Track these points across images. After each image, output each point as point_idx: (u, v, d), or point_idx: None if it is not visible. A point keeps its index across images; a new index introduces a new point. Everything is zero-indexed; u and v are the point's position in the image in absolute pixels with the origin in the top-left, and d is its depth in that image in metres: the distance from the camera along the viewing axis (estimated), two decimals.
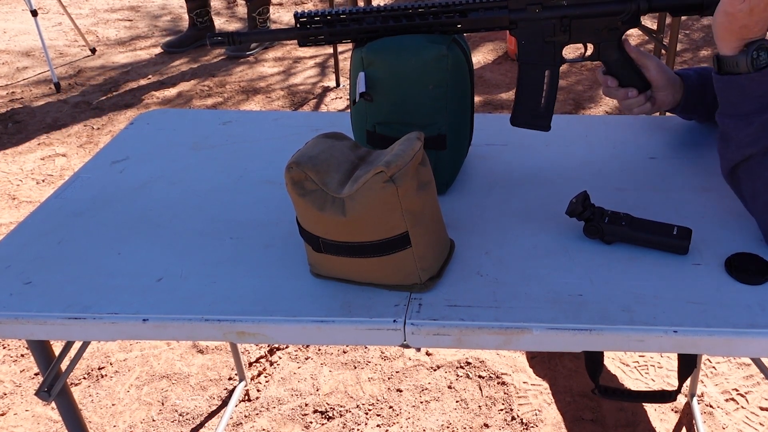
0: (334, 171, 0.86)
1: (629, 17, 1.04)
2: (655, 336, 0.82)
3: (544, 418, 1.74)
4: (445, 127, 1.06)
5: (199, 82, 3.83)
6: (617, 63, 1.09)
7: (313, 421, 1.77)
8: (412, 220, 0.85)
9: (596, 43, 1.07)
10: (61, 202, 1.15)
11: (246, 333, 0.87)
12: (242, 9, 5.00)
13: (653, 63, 1.10)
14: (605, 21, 1.05)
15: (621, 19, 1.04)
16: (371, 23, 1.04)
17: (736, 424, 1.70)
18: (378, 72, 1.02)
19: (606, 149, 1.24)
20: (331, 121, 1.42)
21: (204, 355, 2.00)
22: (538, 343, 0.84)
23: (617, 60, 1.09)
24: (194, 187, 1.18)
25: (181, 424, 1.78)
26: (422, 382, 1.87)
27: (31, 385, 1.91)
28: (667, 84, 1.12)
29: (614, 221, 0.95)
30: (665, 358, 1.91)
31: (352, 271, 0.89)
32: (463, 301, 0.88)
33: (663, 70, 1.11)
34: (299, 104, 3.55)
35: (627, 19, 1.04)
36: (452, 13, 1.04)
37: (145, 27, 4.78)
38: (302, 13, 1.05)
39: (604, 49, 1.08)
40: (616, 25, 1.05)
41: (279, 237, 1.02)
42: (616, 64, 1.09)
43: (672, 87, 1.13)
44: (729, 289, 0.87)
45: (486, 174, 1.18)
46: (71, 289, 0.94)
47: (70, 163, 3.08)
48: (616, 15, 1.04)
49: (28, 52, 4.36)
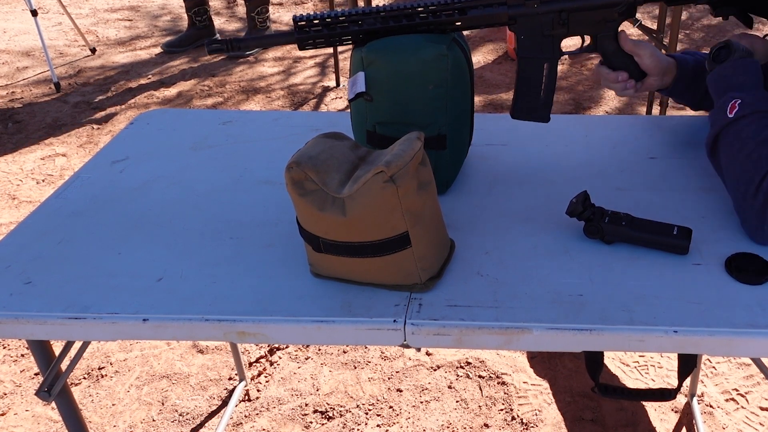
0: (334, 171, 0.85)
1: (626, 8, 1.06)
2: (655, 336, 0.82)
3: (544, 418, 1.74)
4: (445, 127, 1.06)
5: (199, 82, 3.83)
6: (614, 54, 1.11)
7: (313, 421, 1.77)
8: (412, 220, 0.85)
9: (594, 34, 1.09)
10: (61, 202, 1.15)
11: (246, 333, 0.87)
12: (242, 8, 5.00)
13: (647, 51, 1.12)
14: (602, 13, 1.06)
15: (617, 11, 1.06)
16: (371, 24, 1.04)
17: (736, 424, 1.70)
18: (378, 72, 1.02)
19: (606, 149, 1.24)
20: (331, 121, 1.42)
21: (204, 355, 2.00)
22: (539, 343, 0.84)
23: (615, 51, 1.11)
24: (194, 187, 1.18)
25: (181, 424, 1.78)
26: (422, 382, 1.87)
27: (31, 385, 1.91)
28: (659, 70, 1.14)
29: (614, 221, 0.95)
30: (665, 358, 1.91)
31: (352, 271, 0.89)
32: (463, 301, 0.87)
33: (656, 57, 1.13)
34: (299, 104, 3.55)
35: (623, 10, 1.06)
36: (451, 11, 1.04)
37: (145, 27, 4.78)
38: (301, 17, 1.04)
39: (601, 41, 1.09)
40: (612, 16, 1.06)
41: (279, 237, 1.02)
42: (614, 55, 1.11)
43: (662, 72, 1.15)
44: (729, 289, 0.87)
45: (486, 174, 1.18)
46: (71, 289, 0.93)
47: (70, 163, 3.08)
48: (612, 6, 1.05)
49: (28, 52, 4.36)
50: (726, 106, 1.00)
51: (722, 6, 1.08)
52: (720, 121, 1.00)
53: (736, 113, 0.98)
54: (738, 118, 0.98)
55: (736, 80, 1.02)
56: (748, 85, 1.01)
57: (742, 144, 0.96)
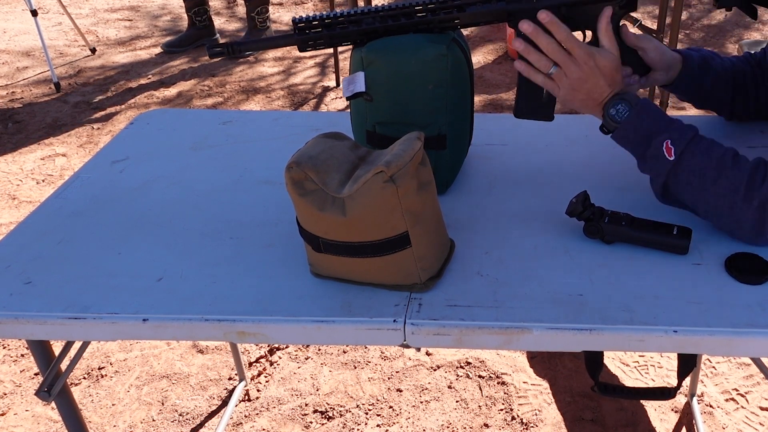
0: (334, 171, 0.85)
1: (626, 2, 1.04)
2: (655, 336, 0.82)
3: (544, 418, 1.74)
4: (445, 127, 1.06)
5: (199, 82, 3.83)
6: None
7: (313, 421, 1.77)
8: (412, 220, 0.85)
9: (595, 29, 1.07)
10: (61, 202, 1.15)
11: (246, 333, 0.87)
12: (242, 8, 5.00)
13: (651, 45, 1.10)
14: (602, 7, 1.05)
15: (618, 4, 1.04)
16: (370, 24, 1.04)
17: (736, 424, 1.70)
18: (378, 72, 1.02)
19: (606, 149, 1.23)
20: (331, 121, 1.42)
21: (204, 355, 2.00)
22: (539, 343, 0.84)
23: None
24: (194, 187, 1.18)
25: (181, 424, 1.78)
26: (422, 382, 1.87)
27: (31, 385, 1.91)
28: (664, 65, 1.12)
29: (614, 221, 0.95)
30: (665, 358, 1.91)
31: (352, 271, 0.89)
32: (463, 301, 0.87)
33: (661, 52, 1.11)
34: (299, 104, 3.55)
35: (624, 3, 1.04)
36: (450, 8, 1.03)
37: (145, 27, 4.78)
38: (300, 18, 1.04)
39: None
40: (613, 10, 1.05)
41: (279, 237, 1.02)
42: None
43: (668, 67, 1.13)
44: (729, 289, 0.87)
45: (486, 174, 1.18)
46: (71, 289, 0.93)
47: (70, 163, 3.08)
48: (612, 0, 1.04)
49: (28, 52, 4.36)
50: (660, 151, 0.95)
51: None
52: (663, 167, 0.95)
53: (675, 152, 0.94)
54: (680, 158, 0.94)
55: (651, 125, 0.97)
56: (663, 122, 0.97)
57: (702, 175, 0.93)
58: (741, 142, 1.20)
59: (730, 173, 0.92)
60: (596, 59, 0.97)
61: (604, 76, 0.98)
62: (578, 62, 0.97)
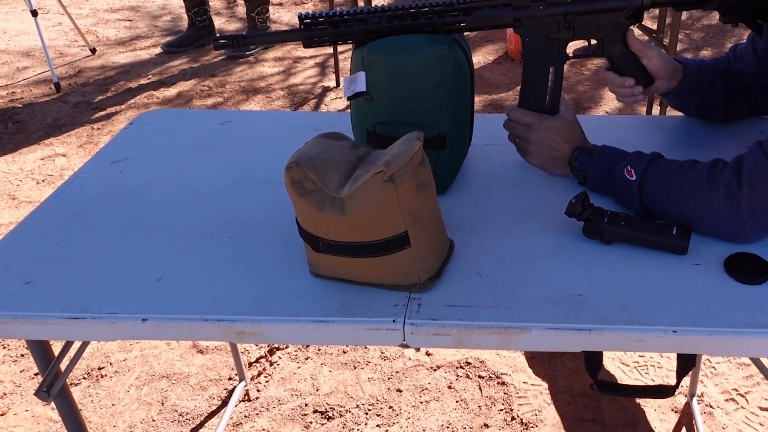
0: (334, 171, 0.85)
1: (633, 12, 1.04)
2: (654, 336, 0.82)
3: (544, 418, 1.74)
4: (445, 127, 1.06)
5: (199, 82, 3.83)
6: (621, 59, 1.09)
7: (313, 421, 1.77)
8: (412, 220, 0.85)
9: (600, 39, 1.07)
10: (60, 202, 1.15)
11: (246, 333, 0.87)
12: (242, 9, 5.00)
13: (655, 53, 1.10)
14: (609, 17, 1.05)
15: (624, 15, 1.04)
16: (375, 23, 1.04)
17: (736, 424, 1.70)
18: (379, 72, 1.02)
19: None
20: (331, 121, 1.42)
21: (204, 355, 2.00)
22: (538, 343, 0.84)
23: (621, 56, 1.09)
24: (194, 187, 1.18)
25: (181, 424, 1.78)
26: (422, 382, 1.87)
27: (31, 385, 1.91)
28: (668, 72, 1.13)
29: (614, 221, 0.95)
30: (665, 358, 1.91)
31: (351, 271, 0.89)
32: (462, 301, 0.88)
33: (665, 60, 1.11)
34: (299, 104, 3.55)
35: (631, 14, 1.04)
36: (457, 11, 1.03)
37: (145, 27, 4.78)
38: (306, 15, 1.05)
39: (608, 45, 1.08)
40: (619, 20, 1.05)
41: (279, 237, 1.02)
42: (620, 60, 1.09)
43: (670, 75, 1.14)
44: (729, 289, 0.87)
45: (486, 174, 1.18)
46: (71, 289, 0.93)
47: (70, 163, 3.08)
48: (619, 11, 1.04)
49: (28, 52, 4.36)
50: (623, 177, 1.01)
51: (731, 13, 1.06)
52: (631, 190, 1.00)
53: (636, 173, 1.00)
54: (643, 176, 0.99)
55: (609, 161, 1.04)
56: (621, 155, 1.04)
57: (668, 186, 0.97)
58: (741, 142, 1.20)
59: (690, 174, 0.96)
60: (549, 122, 1.10)
61: (559, 135, 1.09)
62: (533, 128, 1.10)
